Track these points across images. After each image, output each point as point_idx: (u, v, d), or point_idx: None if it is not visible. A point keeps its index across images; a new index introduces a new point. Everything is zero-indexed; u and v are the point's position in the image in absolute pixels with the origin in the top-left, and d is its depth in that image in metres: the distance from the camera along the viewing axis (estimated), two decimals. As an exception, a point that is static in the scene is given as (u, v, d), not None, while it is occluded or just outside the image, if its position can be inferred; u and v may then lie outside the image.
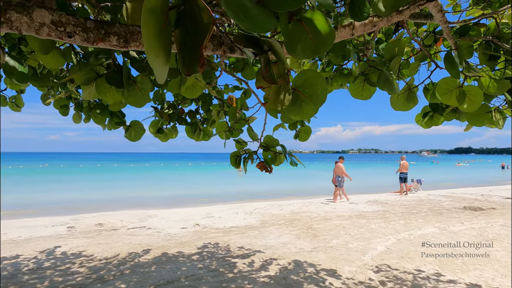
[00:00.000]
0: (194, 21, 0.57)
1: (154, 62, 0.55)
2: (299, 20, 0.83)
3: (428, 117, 2.43)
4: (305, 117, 1.17)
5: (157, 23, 0.54)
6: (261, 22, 0.66)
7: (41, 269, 4.43)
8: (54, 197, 14.06)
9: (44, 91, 2.66)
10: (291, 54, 0.89)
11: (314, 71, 1.10)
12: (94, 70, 1.53)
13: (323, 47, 0.85)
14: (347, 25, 1.42)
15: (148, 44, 0.53)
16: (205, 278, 4.09)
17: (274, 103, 1.13)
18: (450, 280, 3.96)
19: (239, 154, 2.47)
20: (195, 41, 0.57)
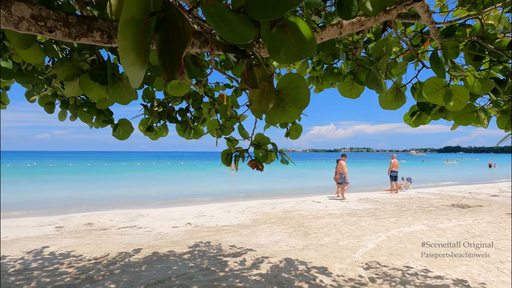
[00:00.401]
0: (174, 30, 0.56)
1: (130, 69, 0.54)
2: (282, 26, 0.83)
3: (416, 116, 2.47)
4: (288, 119, 1.17)
5: (134, 33, 0.53)
6: (241, 32, 0.66)
7: (28, 270, 4.34)
8: (42, 196, 13.78)
9: (28, 88, 2.59)
10: (275, 59, 0.89)
11: (298, 75, 1.10)
12: (77, 66, 1.50)
13: (305, 52, 0.85)
14: (335, 24, 1.43)
15: (124, 55, 0.53)
16: (196, 277, 4.08)
17: (258, 105, 1.13)
18: (437, 276, 4.04)
19: (230, 152, 2.46)
20: (175, 49, 0.56)
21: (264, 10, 0.72)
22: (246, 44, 0.98)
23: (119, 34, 0.56)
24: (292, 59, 0.92)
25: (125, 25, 0.55)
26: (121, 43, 0.56)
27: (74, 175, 27.36)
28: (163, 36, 0.62)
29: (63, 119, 2.52)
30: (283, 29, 0.87)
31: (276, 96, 1.14)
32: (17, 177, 23.39)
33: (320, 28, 1.41)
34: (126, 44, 0.56)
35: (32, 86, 2.55)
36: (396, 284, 3.79)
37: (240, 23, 0.70)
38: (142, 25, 0.58)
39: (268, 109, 1.15)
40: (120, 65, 1.66)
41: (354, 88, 1.98)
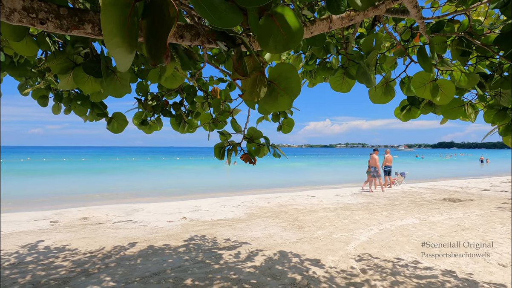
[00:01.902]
0: (159, 15, 0.58)
1: (114, 53, 0.57)
2: (270, 15, 0.85)
3: (406, 110, 2.52)
4: (280, 108, 1.21)
5: (120, 17, 0.55)
6: (227, 17, 0.68)
7: (23, 264, 4.35)
8: (36, 191, 13.69)
9: (21, 81, 2.58)
10: (264, 48, 0.92)
11: (289, 65, 1.13)
12: (70, 59, 1.51)
13: (293, 42, 0.88)
14: (325, 19, 1.46)
15: (108, 39, 0.55)
16: (191, 269, 4.13)
17: (250, 94, 1.16)
18: (427, 267, 4.15)
19: (223, 146, 2.49)
20: (160, 34, 0.59)
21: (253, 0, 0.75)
22: (235, 34, 1.00)
23: (102, 17, 0.56)
24: (281, 48, 0.95)
25: (108, 8, 0.56)
26: (105, 27, 0.56)
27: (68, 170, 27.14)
28: (149, 23, 0.64)
29: (57, 113, 2.52)
30: (271, 18, 0.90)
31: (268, 85, 1.18)
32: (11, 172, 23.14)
33: (310, 23, 1.44)
34: (110, 28, 0.57)
35: (25, 79, 2.54)
36: (386, 275, 3.89)
37: (227, 9, 0.72)
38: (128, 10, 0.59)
39: (260, 99, 1.18)
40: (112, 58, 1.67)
41: (345, 82, 2.01)
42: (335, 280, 3.74)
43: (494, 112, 2.31)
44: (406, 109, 2.51)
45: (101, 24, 0.54)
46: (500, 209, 8.05)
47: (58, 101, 2.54)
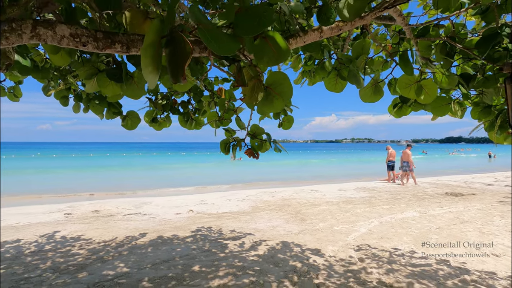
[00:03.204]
0: (179, 48, 0.81)
1: (148, 76, 0.79)
2: (264, 37, 1.07)
3: (398, 108, 2.71)
4: (275, 109, 1.42)
5: (152, 53, 0.77)
6: (227, 46, 0.90)
7: (43, 252, 4.68)
8: (49, 185, 14.17)
9: (44, 83, 2.84)
10: (259, 62, 1.13)
11: (282, 73, 1.34)
12: (95, 66, 1.74)
13: (282, 57, 1.09)
14: (316, 29, 1.65)
15: (144, 68, 0.77)
16: (198, 257, 4.40)
17: (250, 98, 1.38)
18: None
19: (228, 142, 2.71)
20: (180, 62, 0.81)
21: (247, 29, 0.97)
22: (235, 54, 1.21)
23: (142, 54, 0.81)
24: (273, 62, 1.17)
25: (145, 49, 0.80)
26: (143, 61, 0.81)
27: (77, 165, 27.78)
28: (171, 50, 0.87)
29: (77, 112, 2.77)
30: (264, 40, 1.12)
31: (264, 90, 1.39)
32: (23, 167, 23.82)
33: (303, 33, 1.64)
34: (146, 62, 0.81)
35: (47, 81, 2.79)
36: (383, 263, 4.10)
37: (228, 39, 0.94)
38: (157, 46, 0.83)
39: (258, 102, 1.40)
40: (128, 62, 1.90)
41: (338, 83, 2.21)
42: (333, 268, 3.97)
43: (480, 109, 2.48)
44: (397, 106, 2.70)
45: (141, 58, 0.77)
46: (501, 203, 8.16)
47: (78, 101, 2.79)
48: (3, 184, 14.02)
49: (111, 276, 3.77)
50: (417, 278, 3.62)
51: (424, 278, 3.62)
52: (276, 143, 2.70)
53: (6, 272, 3.93)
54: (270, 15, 0.95)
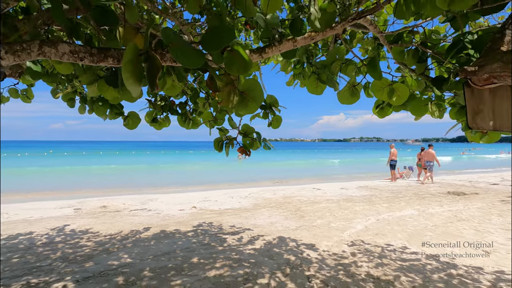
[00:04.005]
0: (152, 64, 1.01)
1: (130, 87, 0.99)
2: (231, 50, 1.26)
3: (380, 108, 2.87)
4: (249, 112, 1.62)
5: (131, 67, 0.98)
6: (193, 60, 1.09)
7: (53, 243, 4.99)
8: (60, 182, 14.69)
9: (53, 86, 3.09)
10: (229, 71, 1.33)
11: (254, 80, 1.53)
12: (95, 73, 1.97)
13: (248, 67, 1.29)
14: (290, 39, 1.84)
15: (126, 80, 0.98)
16: (198, 250, 4.63)
17: (226, 102, 1.57)
18: (413, 252, 4.48)
19: (222, 140, 2.92)
20: (153, 74, 1.01)
21: (212, 46, 1.17)
22: (206, 64, 1.41)
23: (122, 69, 1.01)
24: (241, 71, 1.36)
25: (124, 65, 1.00)
26: (124, 74, 1.01)
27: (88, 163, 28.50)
28: (147, 65, 1.07)
29: (82, 112, 3.02)
30: (231, 53, 1.31)
31: (240, 95, 1.59)
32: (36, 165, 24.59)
33: (278, 43, 1.83)
34: (127, 75, 1.01)
35: (56, 85, 3.05)
36: (374, 258, 4.25)
37: (195, 54, 1.14)
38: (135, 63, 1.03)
39: (233, 105, 1.60)
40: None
41: (319, 86, 2.39)
42: (325, 261, 4.14)
43: (456, 110, 2.63)
44: (379, 107, 2.85)
45: (122, 71, 0.97)
46: (503, 202, 8.15)
47: (83, 103, 3.04)
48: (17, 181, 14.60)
49: (115, 266, 4.03)
50: (404, 271, 3.76)
51: (411, 271, 3.76)
52: (265, 142, 2.89)
53: (20, 261, 4.24)
54: (230, 34, 1.14)
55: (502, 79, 1.61)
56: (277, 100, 2.79)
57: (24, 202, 9.06)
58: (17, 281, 3.58)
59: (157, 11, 1.75)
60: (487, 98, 1.84)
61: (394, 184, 12.22)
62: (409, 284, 3.43)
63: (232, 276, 3.69)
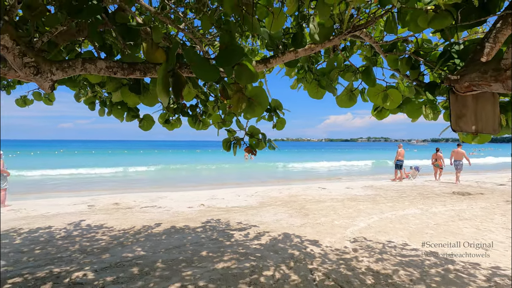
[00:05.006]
0: (178, 80, 1.25)
1: (162, 99, 1.23)
2: (241, 65, 1.49)
3: (378, 111, 3.06)
4: (256, 115, 1.85)
5: (162, 84, 1.22)
6: (209, 74, 1.32)
7: (71, 237, 5.31)
8: (73, 179, 15.17)
9: (76, 91, 3.38)
10: (239, 82, 1.56)
11: (260, 87, 1.76)
12: (120, 81, 2.22)
13: (254, 79, 1.51)
14: (292, 51, 2.06)
15: (160, 93, 1.21)
16: (206, 244, 4.89)
17: (235, 107, 1.81)
18: (413, 248, 4.64)
19: (229, 140, 3.16)
20: (179, 88, 1.25)
21: (225, 63, 1.40)
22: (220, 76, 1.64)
23: (157, 84, 1.25)
24: (249, 81, 1.59)
25: (159, 82, 1.24)
26: (158, 90, 1.25)
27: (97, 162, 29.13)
28: (173, 81, 1.31)
29: (102, 115, 3.29)
30: (241, 66, 1.54)
31: (248, 101, 1.82)
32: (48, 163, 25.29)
33: (281, 54, 2.05)
34: (160, 90, 1.25)
35: (78, 90, 3.33)
36: (374, 253, 4.44)
37: (211, 70, 1.37)
38: (165, 80, 1.27)
39: (242, 109, 1.83)
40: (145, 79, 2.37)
41: (319, 91, 2.60)
42: (328, 256, 4.34)
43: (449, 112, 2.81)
44: (377, 110, 3.05)
45: (157, 86, 1.21)
46: (507, 202, 8.19)
47: (103, 106, 3.31)
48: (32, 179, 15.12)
49: (130, 257, 4.31)
50: (403, 266, 3.94)
51: (410, 266, 3.94)
52: (270, 142, 3.13)
53: (42, 252, 4.56)
54: (240, 53, 1.37)
55: (480, 87, 1.80)
56: (281, 103, 3.01)
57: (40, 199, 9.48)
58: (41, 270, 3.89)
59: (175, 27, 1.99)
60: (470, 103, 2.04)
61: (400, 184, 12.29)
62: (407, 277, 3.61)
63: (239, 268, 3.93)
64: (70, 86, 3.11)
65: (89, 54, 2.10)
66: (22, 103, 3.63)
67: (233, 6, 1.70)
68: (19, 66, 1.32)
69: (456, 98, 2.08)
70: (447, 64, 2.18)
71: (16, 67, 1.33)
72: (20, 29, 1.62)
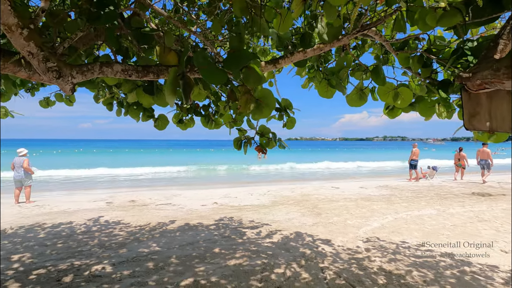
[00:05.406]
0: (187, 83, 1.31)
1: (169, 100, 1.30)
2: (248, 67, 1.54)
3: (389, 109, 3.04)
4: (264, 116, 1.89)
5: (171, 87, 1.28)
6: (217, 77, 1.38)
7: (91, 232, 5.54)
8: (92, 177, 15.73)
9: (95, 92, 3.53)
10: (247, 84, 1.60)
11: (267, 89, 1.80)
12: (135, 83, 2.32)
13: (262, 80, 1.55)
14: (301, 51, 2.08)
15: (167, 95, 1.28)
16: (219, 242, 4.98)
17: (244, 108, 1.86)
18: (428, 249, 4.55)
19: (240, 139, 3.22)
20: (187, 91, 1.31)
21: (232, 67, 1.45)
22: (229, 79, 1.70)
23: (166, 86, 1.32)
24: (257, 84, 1.64)
25: (168, 84, 1.31)
26: (166, 92, 1.32)
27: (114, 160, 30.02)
28: (183, 83, 1.37)
29: (119, 115, 3.42)
30: (248, 69, 1.59)
31: (256, 102, 1.87)
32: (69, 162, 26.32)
33: (290, 54, 2.08)
34: (168, 92, 1.32)
35: (97, 91, 3.48)
36: (387, 254, 4.38)
37: (219, 73, 1.43)
38: (174, 83, 1.33)
39: (250, 110, 1.88)
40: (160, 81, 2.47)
41: (329, 90, 2.61)
42: (339, 255, 4.33)
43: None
44: (389, 108, 3.02)
45: (165, 88, 1.28)
46: (531, 204, 7.85)
47: (120, 107, 3.45)
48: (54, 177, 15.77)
49: (145, 253, 4.46)
50: (417, 267, 3.88)
51: (424, 267, 3.87)
52: (280, 141, 3.16)
53: (63, 246, 4.79)
54: (247, 57, 1.42)
55: (493, 85, 1.77)
56: (291, 103, 3.04)
57: (62, 196, 9.92)
58: (63, 263, 4.09)
59: (188, 30, 2.07)
60: (484, 101, 2.01)
61: (416, 184, 11.99)
62: (420, 278, 3.56)
63: (250, 265, 3.99)
64: (90, 88, 3.25)
65: (106, 58, 2.21)
66: (45, 104, 3.82)
67: (242, 8, 1.75)
68: (43, 70, 1.42)
69: (469, 96, 2.04)
70: (459, 61, 2.15)
71: (40, 71, 1.43)
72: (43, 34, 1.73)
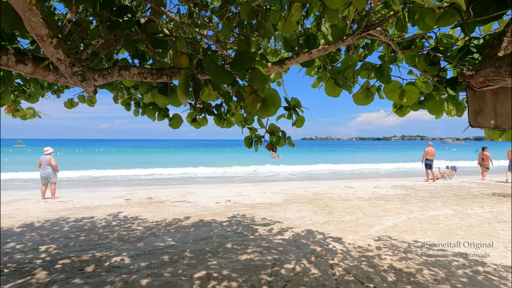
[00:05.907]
0: (197, 84, 1.43)
1: (182, 100, 1.43)
2: (253, 68, 1.65)
3: (398, 107, 3.06)
4: (270, 115, 2.00)
5: (183, 88, 1.41)
6: (224, 78, 1.49)
7: (111, 226, 5.83)
8: (111, 175, 16.35)
9: (114, 93, 3.75)
10: (252, 84, 1.71)
11: (273, 89, 1.90)
12: (150, 84, 2.48)
13: (266, 81, 1.66)
14: (306, 52, 2.17)
15: (180, 96, 1.41)
16: (232, 237, 5.12)
17: (250, 107, 1.97)
18: (441, 249, 4.49)
19: (251, 138, 3.34)
20: (197, 91, 1.43)
21: (238, 68, 1.57)
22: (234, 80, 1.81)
23: (178, 88, 1.45)
24: (262, 84, 1.74)
25: (180, 85, 1.44)
26: (179, 92, 1.45)
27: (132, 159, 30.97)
28: (193, 84, 1.50)
29: (136, 115, 3.63)
30: (253, 70, 1.70)
31: (262, 101, 1.98)
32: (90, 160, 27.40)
33: (296, 55, 2.17)
34: (180, 92, 1.45)
35: (116, 92, 3.70)
36: (399, 252, 4.37)
37: (226, 74, 1.54)
38: (185, 84, 1.46)
39: (257, 109, 1.99)
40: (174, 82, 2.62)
41: (336, 89, 2.67)
42: (350, 253, 4.36)
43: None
44: (397, 106, 3.05)
45: (177, 89, 1.41)
46: (556, 205, 7.51)
47: (137, 107, 3.65)
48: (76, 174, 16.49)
49: (161, 246, 4.66)
50: (428, 266, 3.86)
51: (435, 266, 3.84)
52: (290, 139, 3.26)
53: (86, 239, 5.08)
54: (252, 59, 1.53)
55: (495, 83, 1.80)
56: (300, 102, 3.12)
57: (84, 192, 10.41)
58: (85, 254, 4.36)
59: (198, 34, 2.20)
60: (489, 98, 2.03)
61: (433, 184, 11.69)
62: (431, 277, 3.54)
63: (261, 260, 4.10)
64: (109, 89, 3.45)
65: (124, 61, 2.38)
66: (69, 105, 4.08)
67: (249, 13, 1.86)
68: (70, 75, 1.58)
69: (474, 93, 2.07)
70: (466, 59, 2.16)
71: (67, 75, 1.60)
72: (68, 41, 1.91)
